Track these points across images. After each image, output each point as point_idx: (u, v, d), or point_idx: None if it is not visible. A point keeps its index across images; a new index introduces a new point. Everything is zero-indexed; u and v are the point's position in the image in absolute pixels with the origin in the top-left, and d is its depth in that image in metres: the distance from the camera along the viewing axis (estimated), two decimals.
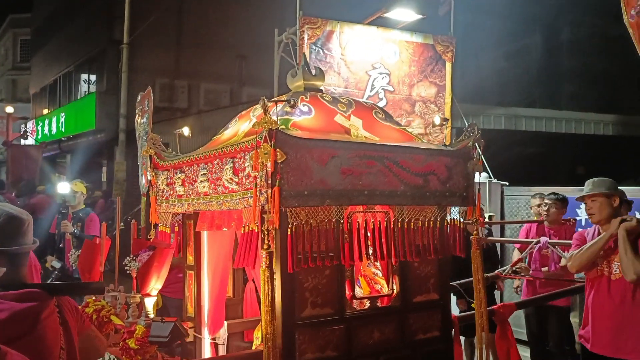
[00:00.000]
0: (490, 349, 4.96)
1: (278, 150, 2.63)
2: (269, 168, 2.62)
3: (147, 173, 4.14)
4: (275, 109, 2.97)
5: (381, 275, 3.54)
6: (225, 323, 3.99)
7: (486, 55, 15.44)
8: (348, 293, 3.04)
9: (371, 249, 3.02)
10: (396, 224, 3.08)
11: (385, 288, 3.41)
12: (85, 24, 18.69)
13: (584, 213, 3.92)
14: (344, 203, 2.87)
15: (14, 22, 29.63)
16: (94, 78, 18.67)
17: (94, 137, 17.22)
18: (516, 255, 5.64)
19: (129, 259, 3.56)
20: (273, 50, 8.48)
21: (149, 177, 3.96)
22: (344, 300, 3.00)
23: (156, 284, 3.60)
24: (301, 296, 2.85)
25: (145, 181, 5.56)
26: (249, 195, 2.78)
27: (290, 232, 2.72)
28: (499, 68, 15.83)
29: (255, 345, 3.69)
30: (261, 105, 2.74)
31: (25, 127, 21.18)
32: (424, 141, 4.12)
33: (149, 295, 3.58)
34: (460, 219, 3.36)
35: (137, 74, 14.86)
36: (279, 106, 3.08)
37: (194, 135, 4.30)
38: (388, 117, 3.49)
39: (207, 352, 3.85)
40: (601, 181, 3.75)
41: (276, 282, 2.73)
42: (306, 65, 3.54)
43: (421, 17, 8.14)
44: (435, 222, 3.21)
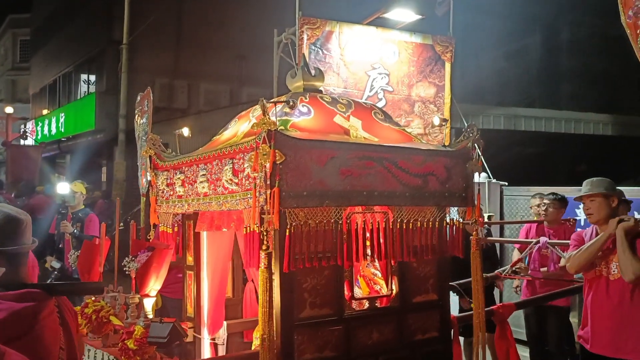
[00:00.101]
0: (490, 349, 4.99)
1: (277, 151, 2.63)
2: (267, 169, 2.62)
3: (147, 173, 4.15)
4: (275, 110, 2.97)
5: (380, 275, 3.54)
6: (225, 323, 4.00)
7: (486, 55, 15.43)
8: (347, 293, 3.04)
9: (370, 249, 3.02)
10: (395, 224, 3.08)
11: (384, 288, 3.41)
12: (84, 24, 18.69)
13: (584, 213, 3.92)
14: (343, 204, 2.88)
15: (13, 22, 29.60)
16: (93, 78, 18.67)
17: (93, 138, 17.23)
18: (516, 256, 5.65)
19: (128, 260, 3.57)
20: (272, 51, 8.48)
21: (148, 178, 3.96)
22: (342, 301, 3.00)
23: (155, 284, 3.61)
24: (300, 297, 2.85)
25: (145, 181, 5.56)
26: (249, 196, 2.78)
27: (288, 233, 2.72)
28: (499, 68, 15.82)
29: (255, 345, 3.69)
30: (260, 106, 2.74)
31: (24, 128, 21.25)
32: (423, 142, 4.12)
33: (147, 295, 3.59)
34: (460, 219, 3.36)
35: (137, 74, 14.85)
36: (278, 107, 3.08)
37: (193, 135, 4.31)
38: (387, 117, 3.50)
39: (207, 352, 3.86)
40: (599, 181, 3.74)
41: (275, 283, 2.73)
42: (305, 66, 3.54)
43: (420, 17, 8.13)
44: (435, 223, 3.22)
